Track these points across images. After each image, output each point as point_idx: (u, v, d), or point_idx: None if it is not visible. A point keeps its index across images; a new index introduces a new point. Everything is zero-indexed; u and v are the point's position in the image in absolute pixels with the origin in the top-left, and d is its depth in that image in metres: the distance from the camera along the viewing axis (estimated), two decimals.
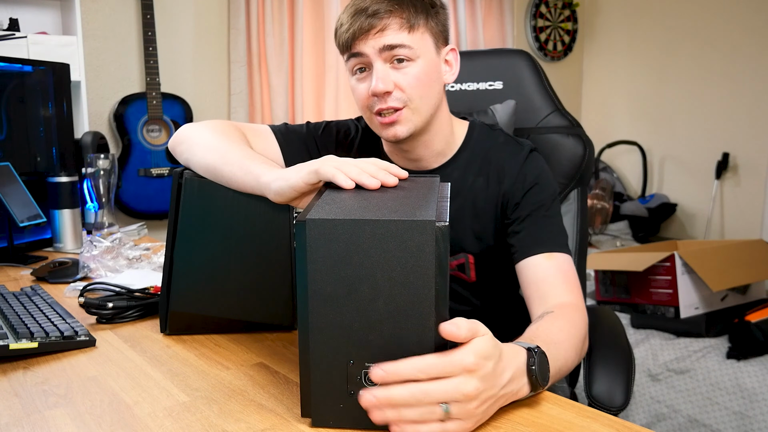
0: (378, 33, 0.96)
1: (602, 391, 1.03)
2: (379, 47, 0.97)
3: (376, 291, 0.60)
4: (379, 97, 0.98)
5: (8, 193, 1.41)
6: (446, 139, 1.09)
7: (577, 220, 1.33)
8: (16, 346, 0.83)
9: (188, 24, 2.79)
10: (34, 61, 1.62)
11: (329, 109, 3.12)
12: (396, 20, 0.97)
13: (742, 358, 1.99)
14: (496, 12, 3.70)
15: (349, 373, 0.62)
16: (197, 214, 0.88)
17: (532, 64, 1.40)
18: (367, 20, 0.96)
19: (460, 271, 1.13)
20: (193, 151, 0.92)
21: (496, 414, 0.67)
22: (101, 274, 1.28)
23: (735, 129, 3.56)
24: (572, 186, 1.33)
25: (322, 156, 1.14)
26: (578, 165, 1.32)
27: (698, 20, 3.67)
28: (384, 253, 0.60)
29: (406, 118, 1.00)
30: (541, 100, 1.37)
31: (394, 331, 0.61)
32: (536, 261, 0.99)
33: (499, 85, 1.41)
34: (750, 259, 2.27)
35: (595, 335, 1.19)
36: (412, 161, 1.10)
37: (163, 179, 2.60)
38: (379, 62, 0.97)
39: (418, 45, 0.98)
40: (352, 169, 0.73)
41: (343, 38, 0.99)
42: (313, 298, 0.61)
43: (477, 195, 1.08)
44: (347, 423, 0.63)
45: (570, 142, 1.32)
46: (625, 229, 3.56)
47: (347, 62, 1.02)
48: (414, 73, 0.98)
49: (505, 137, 1.12)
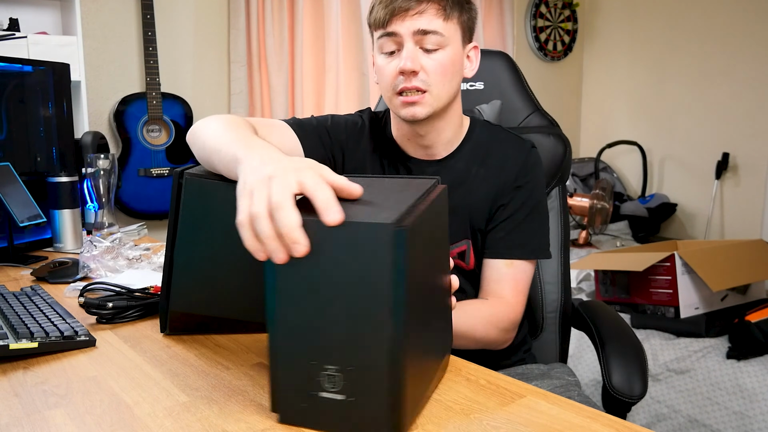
0: (416, 15, 1.00)
1: (622, 381, 1.08)
2: (414, 29, 1.01)
3: (336, 293, 0.60)
4: (405, 76, 1.02)
5: (8, 193, 1.41)
6: (455, 129, 1.14)
7: (560, 216, 1.38)
8: (16, 346, 0.83)
9: (188, 24, 2.79)
10: (34, 61, 1.62)
11: (329, 109, 3.12)
12: (434, 6, 1.01)
13: (742, 358, 1.99)
14: (496, 12, 3.70)
15: (310, 373, 0.62)
16: (197, 214, 0.88)
17: (511, 65, 1.44)
18: (407, 1, 1.00)
19: (460, 259, 1.16)
20: (198, 144, 0.91)
21: (495, 414, 0.67)
22: (101, 274, 1.28)
23: (735, 129, 3.56)
24: (554, 184, 1.37)
25: (333, 146, 1.16)
26: (559, 163, 1.36)
27: (698, 20, 3.67)
28: (344, 255, 0.59)
29: (426, 102, 1.04)
30: (521, 100, 1.41)
31: (352, 334, 0.60)
32: (498, 265, 1.11)
33: (480, 86, 1.44)
34: (750, 259, 2.27)
35: (602, 329, 1.24)
36: (422, 148, 1.14)
37: (163, 179, 2.60)
38: (410, 43, 1.01)
39: (449, 34, 1.03)
40: None
41: (380, 14, 1.02)
42: (278, 295, 0.61)
43: (479, 184, 1.12)
44: (310, 423, 0.63)
45: (551, 141, 1.35)
46: (625, 229, 3.56)
47: (377, 40, 1.06)
48: (440, 60, 1.03)
49: (505, 132, 1.18)
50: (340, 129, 1.18)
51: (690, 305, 2.18)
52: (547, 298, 1.37)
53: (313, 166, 0.65)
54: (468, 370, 0.81)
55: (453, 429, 0.65)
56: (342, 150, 1.18)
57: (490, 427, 0.65)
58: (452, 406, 0.70)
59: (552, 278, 1.37)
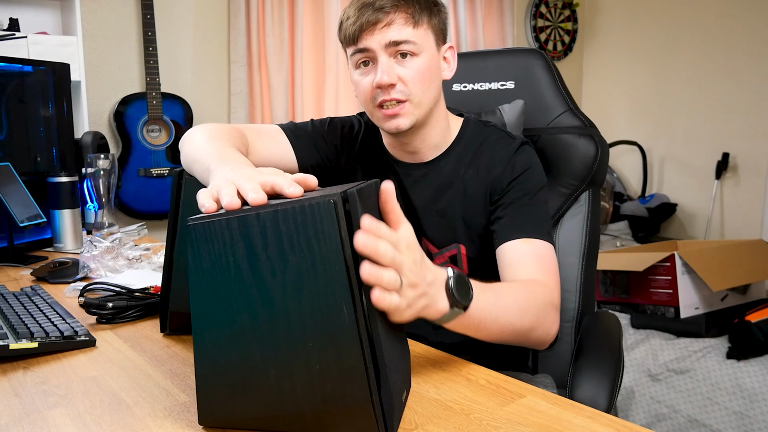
0: (384, 27, 0.99)
1: (585, 396, 1.01)
2: (385, 42, 0.99)
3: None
4: (383, 89, 1.01)
5: (8, 193, 1.41)
6: (442, 132, 1.12)
7: (588, 222, 1.31)
8: (16, 346, 0.83)
9: (188, 24, 2.79)
10: (34, 61, 1.62)
11: (329, 109, 3.12)
12: (402, 15, 1.00)
13: (742, 358, 1.99)
14: (496, 12, 3.70)
15: None
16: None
17: (545, 63, 1.37)
18: (374, 14, 0.99)
19: (452, 263, 1.14)
20: (183, 153, 0.93)
21: (495, 414, 0.67)
22: (101, 274, 1.28)
23: (735, 129, 3.56)
24: (583, 188, 1.30)
25: (329, 150, 1.16)
26: (590, 166, 1.29)
27: (698, 20, 3.67)
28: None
29: (408, 111, 1.03)
30: (553, 99, 1.35)
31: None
32: (514, 245, 1.01)
33: (511, 85, 1.39)
34: (750, 259, 2.27)
35: (587, 340, 1.17)
36: (409, 153, 1.13)
37: (163, 179, 2.60)
38: (384, 56, 1.00)
39: (421, 41, 1.01)
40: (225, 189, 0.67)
41: (350, 31, 1.01)
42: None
43: (468, 184, 1.11)
44: None
45: (582, 142, 1.30)
46: (625, 229, 3.56)
47: (351, 56, 1.05)
48: (417, 68, 1.01)
49: (498, 132, 1.15)
50: (335, 132, 1.19)
51: (690, 305, 2.18)
52: (564, 306, 1.27)
53: (277, 172, 0.69)
54: (468, 370, 0.81)
55: (453, 429, 0.65)
56: (336, 153, 1.18)
57: (490, 427, 0.65)
58: (452, 406, 0.70)
59: (571, 286, 1.30)
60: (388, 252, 0.61)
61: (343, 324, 0.59)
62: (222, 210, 0.63)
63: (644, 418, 2.09)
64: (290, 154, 1.13)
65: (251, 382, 0.62)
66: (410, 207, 1.14)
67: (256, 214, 0.60)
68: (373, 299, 0.60)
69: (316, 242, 0.59)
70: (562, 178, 1.31)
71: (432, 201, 1.12)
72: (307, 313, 0.60)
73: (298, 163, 1.14)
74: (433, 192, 1.12)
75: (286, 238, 0.59)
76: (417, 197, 1.13)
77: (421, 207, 1.13)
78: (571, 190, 1.31)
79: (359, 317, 0.59)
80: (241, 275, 0.60)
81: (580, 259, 1.30)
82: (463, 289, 0.74)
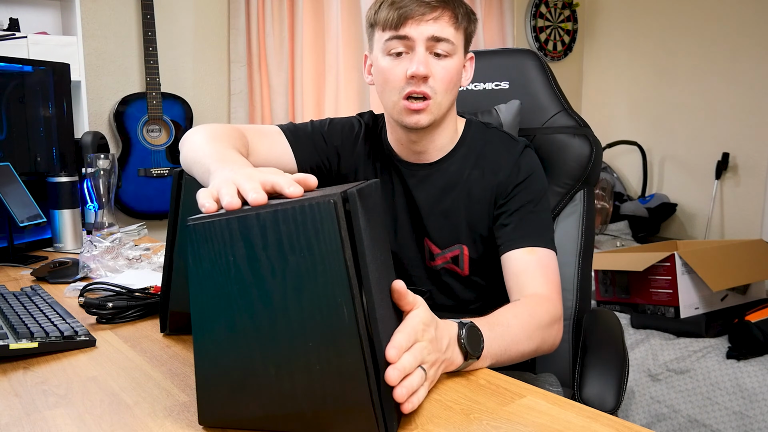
0: (431, 20, 1.00)
1: (593, 394, 1.03)
2: (428, 35, 1.00)
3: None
4: (415, 81, 1.01)
5: (8, 193, 1.41)
6: (450, 135, 1.13)
7: (583, 221, 1.32)
8: (16, 346, 0.83)
9: (188, 24, 2.79)
10: (34, 61, 1.62)
11: (329, 109, 3.12)
12: (448, 14, 1.01)
13: (742, 358, 1.99)
14: (496, 12, 3.70)
15: None
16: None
17: (539, 63, 1.39)
18: (422, 5, 1.00)
19: (454, 263, 1.15)
20: (183, 154, 0.93)
21: (495, 414, 0.67)
22: (101, 274, 1.28)
23: (735, 129, 3.56)
24: (578, 187, 1.32)
25: (329, 151, 1.16)
26: (584, 165, 1.31)
27: (698, 20, 3.67)
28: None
29: (430, 110, 1.04)
30: (547, 99, 1.36)
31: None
32: (518, 254, 1.04)
33: (505, 85, 1.40)
34: (750, 259, 2.27)
35: (591, 338, 1.19)
36: (415, 153, 1.13)
37: (163, 179, 2.60)
38: (422, 48, 1.01)
39: (457, 43, 1.04)
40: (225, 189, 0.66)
41: (392, 16, 1.01)
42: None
43: (472, 186, 1.11)
44: None
45: (576, 142, 1.31)
46: (625, 229, 3.56)
47: (385, 41, 1.03)
48: (447, 68, 1.03)
49: (500, 134, 1.16)
50: (335, 133, 1.18)
51: (690, 305, 2.18)
52: None
53: (277, 172, 0.68)
54: (468, 369, 0.81)
55: (453, 429, 0.65)
56: (337, 154, 1.18)
57: (490, 427, 0.65)
58: (452, 406, 0.70)
59: (568, 284, 1.31)
60: (415, 362, 0.63)
61: (343, 324, 0.59)
62: (222, 210, 0.63)
63: (644, 418, 2.09)
64: (289, 154, 1.13)
65: (251, 382, 0.62)
66: (414, 207, 1.14)
67: (256, 214, 0.59)
68: (406, 409, 0.63)
69: (316, 242, 0.58)
70: (557, 177, 1.32)
71: (436, 201, 1.13)
72: (307, 313, 0.60)
73: (297, 164, 1.14)
74: (438, 192, 1.13)
75: (286, 238, 0.59)
76: (421, 197, 1.14)
77: (424, 207, 1.13)
78: (567, 190, 1.32)
79: (359, 317, 0.59)
80: (241, 275, 0.60)
81: (577, 257, 1.31)
82: (475, 341, 0.77)
